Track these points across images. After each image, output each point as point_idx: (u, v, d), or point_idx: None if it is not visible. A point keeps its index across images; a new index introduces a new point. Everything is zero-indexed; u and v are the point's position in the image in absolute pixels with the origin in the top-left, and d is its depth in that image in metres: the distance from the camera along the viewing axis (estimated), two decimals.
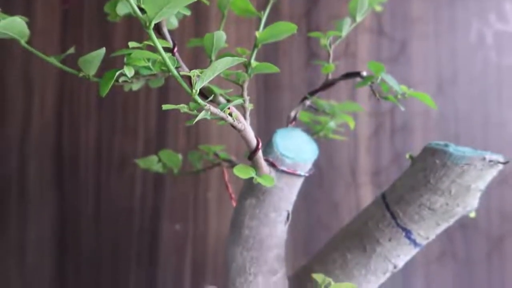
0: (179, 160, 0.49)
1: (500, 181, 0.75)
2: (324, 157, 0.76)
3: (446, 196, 0.36)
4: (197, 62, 0.75)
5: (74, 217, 0.75)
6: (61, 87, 0.76)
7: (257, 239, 0.39)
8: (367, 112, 0.76)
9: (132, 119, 0.76)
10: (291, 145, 0.40)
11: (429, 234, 0.38)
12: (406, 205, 0.38)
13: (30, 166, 0.75)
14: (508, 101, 0.75)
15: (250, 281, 0.39)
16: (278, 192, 0.39)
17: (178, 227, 0.76)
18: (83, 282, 0.75)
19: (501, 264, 0.76)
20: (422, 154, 0.38)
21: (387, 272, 0.40)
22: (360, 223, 0.41)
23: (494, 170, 0.36)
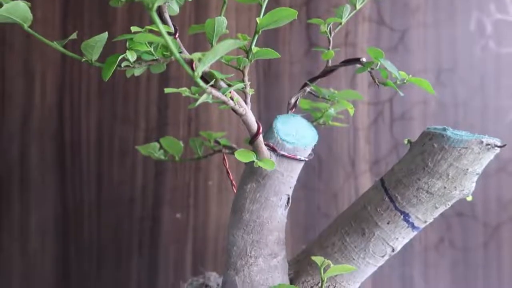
0: (180, 147, 0.49)
1: (497, 170, 0.76)
2: (323, 146, 0.76)
3: (444, 180, 0.37)
4: (198, 50, 0.75)
5: (76, 204, 0.76)
6: (61, 76, 0.76)
7: (257, 223, 0.40)
8: (366, 102, 0.77)
9: (133, 109, 0.77)
10: (291, 130, 0.41)
11: (427, 218, 0.39)
12: (404, 188, 0.38)
13: (32, 154, 0.76)
14: (506, 89, 0.76)
15: (251, 263, 0.40)
16: (278, 176, 0.40)
17: (179, 215, 0.77)
18: (85, 266, 0.76)
19: (497, 252, 0.76)
20: (420, 138, 0.39)
21: (385, 255, 0.41)
22: (359, 207, 0.42)
23: (491, 153, 0.36)
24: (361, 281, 0.43)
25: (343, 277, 0.42)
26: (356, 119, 0.77)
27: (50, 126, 0.76)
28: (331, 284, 0.42)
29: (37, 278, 0.76)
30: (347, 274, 0.42)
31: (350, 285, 0.42)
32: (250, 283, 0.40)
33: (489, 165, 0.76)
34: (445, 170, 0.36)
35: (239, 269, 0.40)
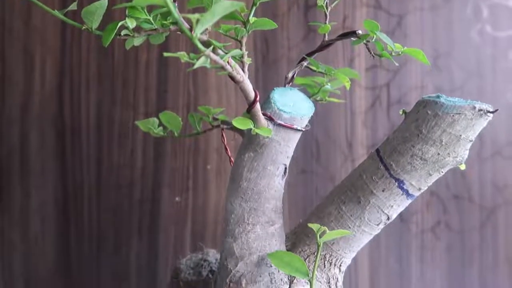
0: (179, 122, 0.50)
1: (493, 153, 0.77)
2: (321, 130, 0.77)
3: (437, 146, 0.37)
4: None
5: (76, 187, 0.77)
6: (61, 61, 0.77)
7: (255, 191, 0.41)
8: (363, 86, 0.78)
9: (132, 94, 0.77)
10: (288, 101, 0.42)
11: (421, 185, 0.40)
12: (399, 156, 0.39)
13: (32, 139, 0.76)
14: (502, 73, 0.77)
15: (249, 230, 0.41)
16: (275, 145, 0.41)
17: (178, 199, 0.77)
18: (85, 249, 0.76)
19: (493, 234, 0.77)
20: (415, 107, 0.39)
21: (380, 223, 0.42)
22: (355, 177, 0.42)
23: (484, 120, 0.37)
24: (356, 250, 0.44)
25: (339, 246, 0.43)
26: (354, 103, 0.77)
27: (50, 110, 0.77)
28: (327, 253, 0.43)
29: (38, 261, 0.77)
30: (343, 243, 0.43)
31: (346, 253, 0.43)
32: (247, 249, 0.41)
33: (485, 149, 0.77)
34: (439, 137, 0.37)
35: (237, 236, 0.41)
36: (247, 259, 0.41)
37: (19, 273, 0.77)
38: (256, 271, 0.40)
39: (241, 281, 0.41)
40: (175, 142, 0.77)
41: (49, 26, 0.76)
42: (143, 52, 0.77)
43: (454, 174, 0.77)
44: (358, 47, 0.77)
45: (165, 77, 0.77)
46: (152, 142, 0.77)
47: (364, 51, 0.77)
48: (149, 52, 0.77)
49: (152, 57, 0.77)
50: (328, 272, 0.43)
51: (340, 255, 0.43)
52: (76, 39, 0.76)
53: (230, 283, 0.41)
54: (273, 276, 0.41)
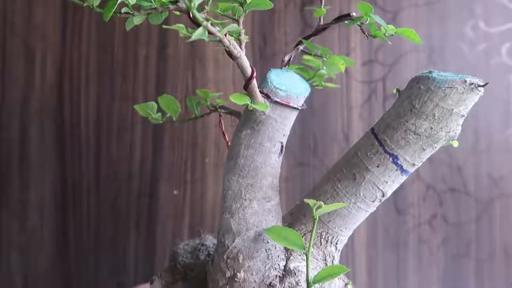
0: (178, 106, 0.51)
1: (488, 146, 0.78)
2: (318, 123, 0.78)
3: (430, 120, 0.38)
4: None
5: (75, 180, 0.77)
6: (61, 57, 0.78)
7: (252, 167, 0.41)
8: (359, 80, 0.79)
9: (131, 88, 0.78)
10: (284, 81, 0.42)
11: (415, 160, 0.40)
12: (393, 131, 0.40)
13: (32, 132, 0.77)
14: (496, 67, 0.78)
15: (245, 206, 0.41)
16: (272, 122, 0.41)
17: (176, 192, 0.78)
18: (83, 242, 0.77)
19: (489, 227, 0.78)
20: (408, 84, 0.40)
21: (375, 200, 0.42)
22: (350, 155, 0.43)
23: (475, 94, 0.38)
24: (352, 228, 0.44)
25: (335, 224, 0.43)
26: (350, 97, 0.78)
27: (49, 105, 0.78)
28: (324, 231, 0.43)
29: (36, 254, 0.77)
30: (339, 220, 0.43)
31: (342, 231, 0.44)
32: (244, 225, 0.41)
33: (480, 142, 0.78)
34: (431, 111, 0.38)
35: (234, 212, 0.41)
36: (244, 235, 0.41)
37: (17, 266, 0.77)
38: (253, 247, 0.41)
39: (238, 257, 0.41)
40: (174, 136, 0.78)
41: (49, 22, 0.77)
42: (143, 47, 0.78)
43: (450, 167, 0.78)
44: (354, 42, 0.78)
45: (164, 72, 0.78)
46: (150, 136, 0.78)
47: (360, 45, 0.79)
48: (148, 48, 0.78)
49: (151, 52, 0.78)
50: (324, 249, 0.43)
51: (336, 232, 0.43)
52: (76, 35, 0.78)
53: (227, 259, 0.42)
54: (270, 252, 0.41)
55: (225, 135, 0.54)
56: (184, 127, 0.78)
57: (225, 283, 0.41)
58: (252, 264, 0.41)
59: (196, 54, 0.78)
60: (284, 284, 0.40)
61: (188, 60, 0.78)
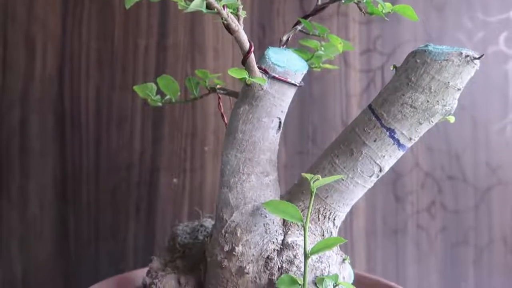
0: (177, 87, 0.51)
1: (486, 135, 0.78)
2: (317, 112, 0.78)
3: (427, 93, 0.39)
4: None
5: (75, 169, 0.77)
6: (62, 47, 0.78)
7: (250, 142, 0.42)
8: (358, 69, 0.79)
9: (131, 78, 0.79)
10: (282, 58, 0.43)
11: (411, 134, 0.41)
12: (390, 105, 0.40)
13: (32, 122, 0.77)
14: (494, 56, 0.78)
15: (244, 180, 0.42)
16: (270, 98, 0.42)
17: (175, 180, 0.78)
18: (83, 231, 0.77)
19: (488, 214, 0.78)
20: (405, 59, 0.41)
21: (373, 175, 0.43)
22: (347, 131, 0.43)
23: (471, 67, 0.38)
24: (350, 204, 0.44)
25: (333, 199, 0.43)
26: (349, 86, 0.79)
27: (50, 95, 0.78)
28: (321, 206, 0.44)
29: (36, 243, 0.77)
30: (337, 196, 0.43)
31: (339, 207, 0.44)
32: (242, 199, 0.41)
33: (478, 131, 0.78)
34: (428, 84, 0.38)
35: (232, 186, 0.42)
36: (242, 209, 0.41)
37: (17, 255, 0.77)
38: (251, 221, 0.41)
39: (236, 231, 0.41)
40: (173, 125, 0.78)
41: (50, 13, 0.78)
42: (142, 37, 0.79)
43: (448, 155, 0.78)
44: (353, 31, 0.79)
45: (164, 61, 0.79)
46: (150, 125, 0.78)
47: (358, 35, 0.79)
48: (148, 38, 0.79)
49: (151, 42, 0.79)
50: (322, 225, 0.43)
51: (334, 208, 0.44)
52: (76, 26, 0.78)
53: (225, 234, 0.42)
54: (268, 227, 0.42)
55: (223, 117, 0.54)
56: (183, 116, 0.79)
57: (223, 257, 0.41)
58: (250, 238, 0.41)
59: (195, 44, 0.79)
60: (282, 257, 0.41)
61: (187, 50, 0.79)
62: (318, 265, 0.41)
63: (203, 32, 0.79)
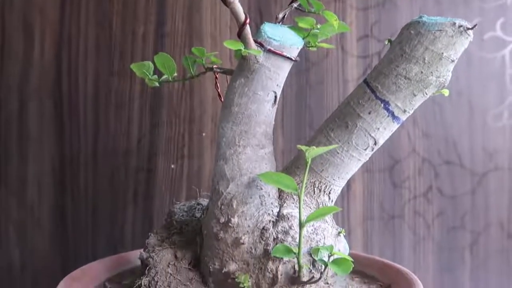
0: (174, 65, 0.51)
1: (483, 120, 0.78)
2: (314, 98, 0.79)
3: (421, 64, 0.39)
4: None
5: (73, 155, 0.78)
6: (60, 33, 0.78)
7: (245, 115, 0.42)
8: (355, 55, 0.79)
9: (129, 64, 0.79)
10: (278, 33, 0.43)
11: (406, 106, 0.41)
12: (384, 77, 0.40)
13: (30, 108, 0.77)
14: (490, 42, 0.79)
15: (239, 152, 0.42)
16: (265, 71, 0.42)
17: (173, 166, 0.78)
18: (81, 216, 0.77)
19: (485, 199, 0.78)
20: (399, 32, 0.41)
21: (368, 148, 0.43)
22: (343, 105, 0.44)
23: (464, 38, 0.39)
24: (346, 177, 0.45)
25: (328, 173, 0.44)
26: (346, 71, 0.79)
27: (48, 80, 0.78)
28: (317, 180, 0.44)
29: (34, 229, 0.77)
30: (332, 169, 0.44)
31: (335, 180, 0.44)
32: (238, 171, 0.42)
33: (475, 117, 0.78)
34: (421, 54, 0.39)
35: (228, 158, 0.42)
36: (238, 180, 0.42)
37: (15, 241, 0.77)
38: (247, 192, 0.41)
39: (232, 202, 0.42)
40: (171, 111, 0.79)
41: None
42: (140, 24, 0.79)
43: (445, 141, 0.78)
44: (350, 17, 0.79)
45: (162, 48, 0.79)
46: (148, 111, 0.79)
47: (356, 21, 0.79)
48: (146, 25, 0.79)
49: (149, 29, 0.79)
50: (317, 198, 0.44)
51: (329, 182, 0.44)
52: (75, 12, 0.78)
53: (221, 206, 0.42)
54: (263, 199, 0.42)
55: (220, 96, 0.54)
56: (181, 103, 0.79)
57: (219, 229, 0.42)
58: (246, 209, 0.41)
59: (193, 31, 0.79)
60: (277, 228, 0.41)
61: (185, 37, 0.79)
62: (313, 236, 0.41)
63: (200, 19, 0.79)
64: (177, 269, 0.43)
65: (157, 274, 0.43)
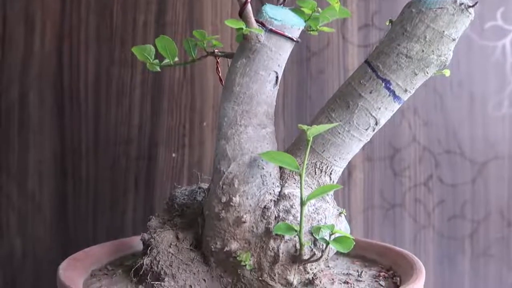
0: (175, 49, 0.51)
1: (483, 110, 0.79)
2: (315, 87, 0.79)
3: (422, 43, 0.39)
4: None
5: (74, 144, 0.78)
6: (61, 23, 0.78)
7: (247, 94, 0.42)
8: (356, 44, 0.80)
9: (130, 53, 0.79)
10: (278, 13, 0.43)
11: (407, 85, 0.41)
12: (385, 56, 0.41)
13: (31, 97, 0.78)
14: (490, 31, 0.79)
15: (241, 131, 0.42)
16: (266, 51, 0.42)
17: (174, 155, 0.78)
18: (82, 205, 0.77)
19: (485, 188, 0.78)
20: (400, 12, 0.41)
21: (369, 128, 0.43)
22: (344, 86, 0.44)
23: (465, 17, 0.39)
24: (347, 158, 0.45)
25: (329, 153, 0.44)
26: (347, 61, 0.79)
27: (49, 70, 0.78)
28: (318, 160, 0.44)
29: (35, 216, 0.77)
30: (333, 149, 0.44)
31: (336, 161, 0.44)
32: (240, 150, 0.42)
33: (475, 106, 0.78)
34: (423, 33, 0.39)
35: (229, 138, 0.42)
36: (239, 160, 0.42)
37: (16, 229, 0.77)
38: (248, 172, 0.42)
39: (233, 182, 0.42)
40: (172, 100, 0.79)
41: None
42: (141, 13, 0.79)
43: (446, 130, 0.79)
44: (351, 6, 0.79)
45: None
46: (149, 100, 0.79)
47: (357, 10, 0.80)
48: (147, 14, 0.79)
49: (149, 18, 0.79)
50: (318, 179, 0.44)
51: (330, 162, 0.44)
52: (75, 2, 0.78)
53: (223, 186, 0.42)
54: (264, 179, 0.42)
55: (222, 81, 0.54)
56: (182, 92, 0.79)
57: (221, 208, 0.42)
58: (247, 189, 0.41)
59: (194, 20, 0.79)
60: (278, 207, 0.41)
61: (186, 25, 0.79)
62: (314, 216, 0.41)
63: (201, 8, 0.80)
64: (178, 250, 0.44)
65: (158, 254, 0.43)
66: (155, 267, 0.42)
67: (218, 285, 0.42)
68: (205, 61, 0.80)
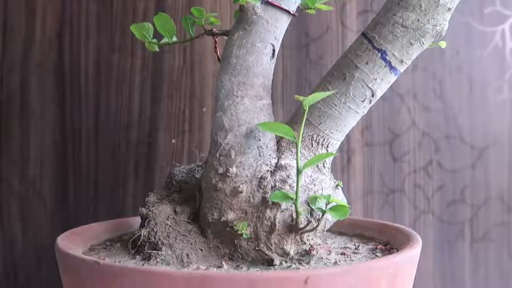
0: (173, 27, 0.52)
1: (482, 96, 0.79)
2: (314, 73, 0.79)
3: (417, 12, 0.39)
4: None
5: (74, 130, 0.78)
6: (62, 10, 0.79)
7: (244, 66, 0.42)
8: (355, 30, 0.80)
9: (130, 40, 0.79)
10: None
11: (403, 56, 0.41)
12: (381, 27, 0.41)
13: (32, 84, 0.78)
14: (490, 16, 0.79)
15: (237, 103, 0.42)
16: (263, 23, 0.42)
17: (174, 141, 0.79)
18: (83, 191, 0.78)
19: (485, 173, 0.78)
20: None
21: (365, 100, 0.43)
22: (340, 58, 0.44)
23: None
24: (343, 131, 0.45)
25: (326, 126, 0.44)
26: (346, 46, 0.79)
27: (50, 56, 0.79)
28: (315, 133, 0.44)
29: (36, 203, 0.78)
30: (330, 122, 0.44)
31: (332, 134, 0.44)
32: (236, 121, 0.42)
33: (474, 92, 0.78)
34: (418, 1, 0.39)
35: (226, 109, 0.42)
36: (236, 131, 0.42)
37: (16, 215, 0.78)
38: (245, 143, 0.42)
39: (230, 153, 0.42)
40: (172, 86, 0.79)
41: None
42: (141, 0, 0.80)
43: (445, 115, 0.79)
44: None
45: None
46: (149, 86, 0.79)
47: None
48: (147, 0, 0.80)
49: (149, 5, 0.79)
50: (315, 151, 0.44)
51: (327, 135, 0.44)
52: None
53: (220, 157, 0.42)
54: (261, 150, 0.42)
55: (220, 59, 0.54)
56: (182, 78, 0.79)
57: (218, 179, 0.42)
58: (244, 159, 0.42)
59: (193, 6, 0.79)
60: (275, 177, 0.41)
61: (185, 12, 0.79)
62: (311, 186, 0.42)
63: None
64: (176, 222, 0.44)
65: (156, 226, 0.43)
66: (152, 238, 0.42)
67: (215, 256, 0.42)
68: (205, 47, 0.80)
